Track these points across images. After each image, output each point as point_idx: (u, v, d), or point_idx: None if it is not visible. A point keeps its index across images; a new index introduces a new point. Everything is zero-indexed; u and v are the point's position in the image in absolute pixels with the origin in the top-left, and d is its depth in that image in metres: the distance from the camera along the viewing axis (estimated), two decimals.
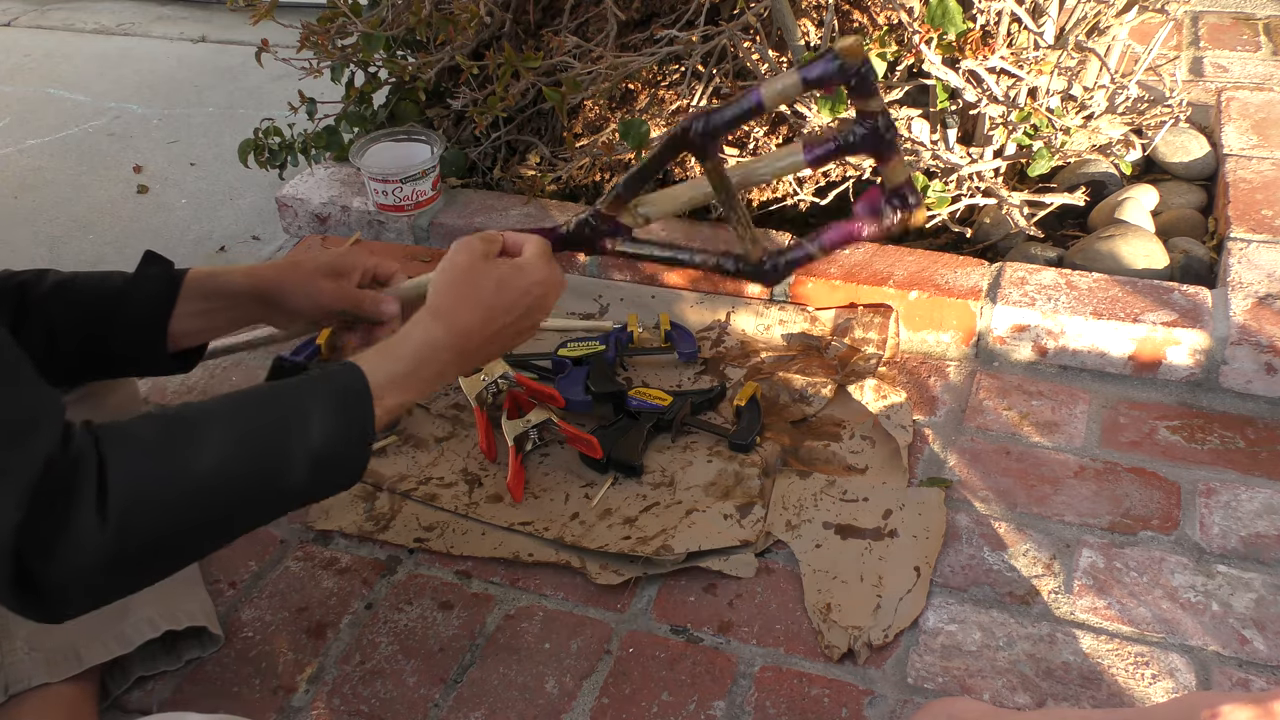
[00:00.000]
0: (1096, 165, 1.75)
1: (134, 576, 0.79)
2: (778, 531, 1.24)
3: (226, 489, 0.80)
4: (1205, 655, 1.09)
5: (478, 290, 0.95)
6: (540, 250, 1.00)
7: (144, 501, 0.76)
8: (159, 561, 0.80)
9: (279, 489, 0.83)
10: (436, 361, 0.93)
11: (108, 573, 0.75)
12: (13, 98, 2.78)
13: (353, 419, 0.86)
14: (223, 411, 0.82)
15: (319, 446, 0.83)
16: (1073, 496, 1.27)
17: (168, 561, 0.81)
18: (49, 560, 0.72)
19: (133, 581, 0.79)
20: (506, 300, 0.96)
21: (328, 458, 0.84)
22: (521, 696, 1.09)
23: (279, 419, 0.83)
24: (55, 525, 0.72)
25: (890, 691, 1.07)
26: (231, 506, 0.81)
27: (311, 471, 0.84)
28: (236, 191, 2.25)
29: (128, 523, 0.74)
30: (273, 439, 0.82)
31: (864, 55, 0.86)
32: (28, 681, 1.01)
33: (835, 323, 1.52)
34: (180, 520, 0.78)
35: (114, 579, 0.77)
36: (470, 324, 0.94)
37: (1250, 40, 2.11)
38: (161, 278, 1.05)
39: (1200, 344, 1.39)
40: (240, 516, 0.83)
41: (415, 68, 1.75)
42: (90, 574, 0.74)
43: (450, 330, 0.93)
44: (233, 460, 0.80)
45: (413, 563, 1.25)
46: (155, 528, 0.77)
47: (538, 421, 1.35)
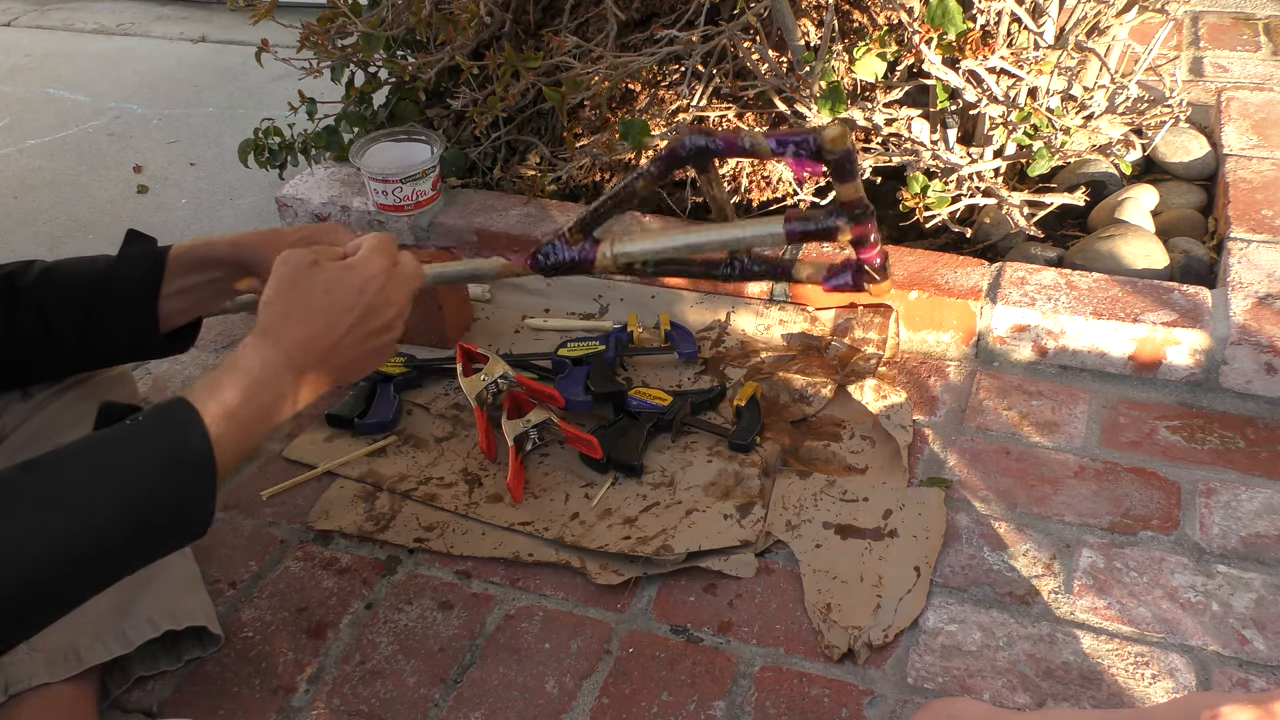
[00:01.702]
0: (1096, 165, 1.75)
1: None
2: (778, 531, 1.24)
3: (48, 566, 0.74)
4: (1205, 655, 1.09)
5: (305, 297, 0.87)
6: (375, 245, 0.92)
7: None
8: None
9: (108, 567, 0.78)
10: (275, 383, 0.84)
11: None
12: (13, 98, 2.78)
13: (192, 483, 0.79)
14: (46, 482, 0.76)
15: (152, 516, 0.78)
16: (1073, 496, 1.27)
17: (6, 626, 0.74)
18: None
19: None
20: (340, 301, 0.87)
21: (161, 524, 0.79)
22: (521, 696, 1.09)
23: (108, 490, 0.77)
24: None
25: (890, 691, 1.07)
26: (54, 582, 0.75)
27: (147, 543, 0.79)
28: (236, 191, 2.25)
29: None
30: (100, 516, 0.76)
31: (847, 145, 0.86)
32: (28, 681, 1.00)
33: (835, 323, 1.52)
34: (19, 580, 0.72)
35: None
36: (304, 335, 0.86)
37: (1250, 40, 2.11)
38: (146, 256, 1.05)
39: (1200, 344, 1.39)
40: (66, 589, 0.77)
41: (415, 68, 1.75)
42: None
43: (282, 345, 0.85)
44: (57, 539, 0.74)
45: (413, 563, 1.25)
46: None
47: (538, 421, 1.35)
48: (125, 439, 0.79)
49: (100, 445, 0.79)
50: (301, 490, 1.35)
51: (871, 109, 1.56)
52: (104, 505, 0.76)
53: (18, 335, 1.01)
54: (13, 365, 1.05)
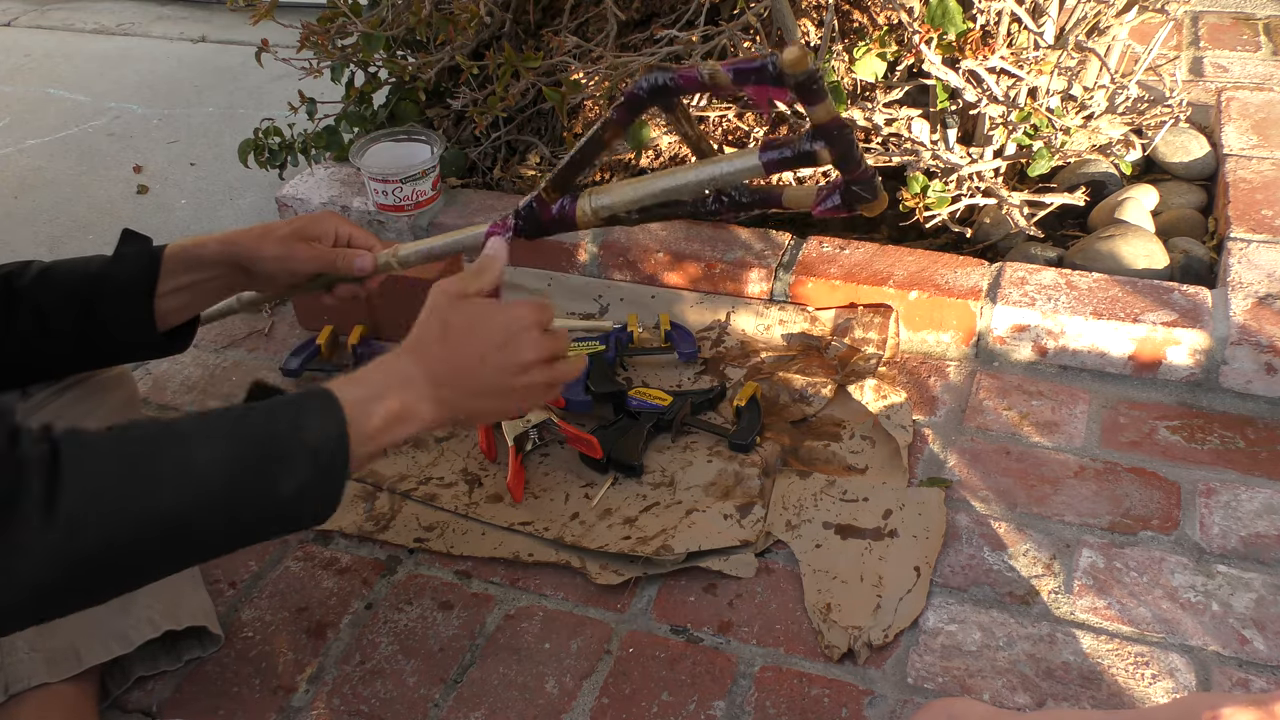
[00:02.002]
0: (1096, 165, 1.75)
1: (77, 587, 0.75)
2: (778, 531, 1.24)
3: (187, 512, 0.77)
4: (1205, 655, 1.09)
5: (454, 327, 0.90)
6: (531, 303, 0.94)
7: (96, 510, 0.73)
8: (107, 575, 0.76)
9: (240, 524, 0.80)
10: (412, 409, 0.87)
11: (50, 581, 0.72)
12: (13, 98, 2.78)
13: (329, 466, 0.82)
14: (193, 434, 0.79)
15: (289, 492, 0.80)
16: (1073, 496, 1.27)
17: (116, 577, 0.77)
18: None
19: (75, 594, 0.76)
20: (482, 336, 0.90)
21: (298, 502, 0.81)
22: (521, 696, 1.09)
23: (252, 454, 0.79)
24: (2, 523, 0.70)
25: (890, 691, 1.07)
26: (190, 531, 0.78)
27: (279, 516, 0.81)
28: (236, 191, 2.25)
29: (76, 530, 0.72)
30: (239, 473, 0.78)
31: (808, 66, 0.84)
32: (28, 681, 1.01)
33: (835, 323, 1.52)
34: (131, 536, 0.75)
35: (57, 589, 0.74)
36: (446, 357, 0.89)
37: (1250, 40, 2.11)
38: (142, 255, 1.05)
39: (1200, 344, 1.39)
40: (198, 543, 0.79)
41: (415, 68, 1.75)
42: (32, 583, 0.72)
43: (424, 362, 0.88)
44: (195, 486, 0.77)
45: (413, 563, 1.25)
46: (105, 539, 0.73)
47: (538, 421, 1.35)
48: (265, 413, 0.82)
49: (242, 413, 0.82)
50: None
51: (871, 109, 1.56)
52: (228, 473, 0.78)
53: (16, 335, 1.01)
54: (11, 366, 1.05)
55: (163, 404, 1.51)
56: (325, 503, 0.83)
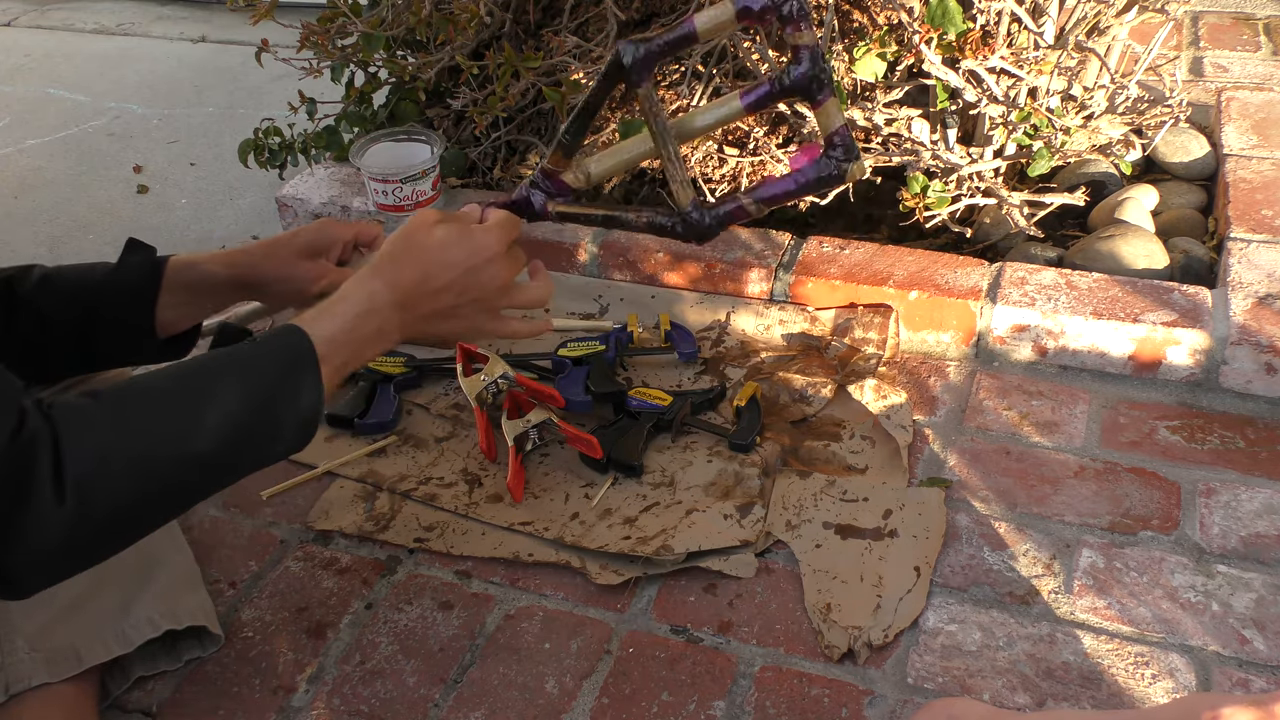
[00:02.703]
0: (1096, 165, 1.75)
1: (94, 549, 0.80)
2: (778, 531, 1.24)
3: (179, 457, 0.81)
4: (1205, 655, 1.09)
5: (420, 247, 0.94)
6: (499, 221, 0.98)
7: (100, 474, 0.77)
8: (118, 532, 0.82)
9: (234, 455, 0.85)
10: (376, 316, 0.92)
11: (68, 548, 0.77)
12: (13, 98, 2.78)
13: (302, 383, 0.87)
14: (171, 382, 0.84)
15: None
16: (1073, 496, 1.27)
17: (126, 531, 0.82)
18: (9, 545, 0.74)
19: (92, 554, 0.81)
20: (448, 257, 0.94)
21: (280, 422, 0.86)
22: (521, 696, 1.09)
23: (230, 387, 0.84)
24: (13, 510, 0.74)
25: (890, 691, 1.07)
26: (185, 474, 0.82)
27: (266, 437, 0.86)
28: (236, 191, 2.25)
29: (85, 497, 0.76)
30: (224, 407, 0.83)
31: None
32: (28, 681, 1.01)
33: (835, 323, 1.52)
34: (136, 490, 0.79)
35: (75, 553, 0.79)
36: (410, 279, 0.93)
37: (1250, 40, 2.11)
38: (144, 266, 1.06)
39: (1200, 344, 1.39)
40: (195, 484, 0.84)
41: (415, 68, 1.75)
42: (51, 552, 0.76)
43: (389, 284, 0.93)
44: (185, 430, 0.81)
45: (413, 563, 1.25)
46: (113, 499, 0.78)
47: (538, 421, 1.35)
48: (246, 348, 0.88)
49: (226, 353, 0.88)
50: (301, 490, 1.35)
51: (871, 109, 1.56)
52: (232, 397, 0.84)
53: (17, 339, 1.02)
54: (11, 368, 1.05)
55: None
56: (300, 448, 0.90)
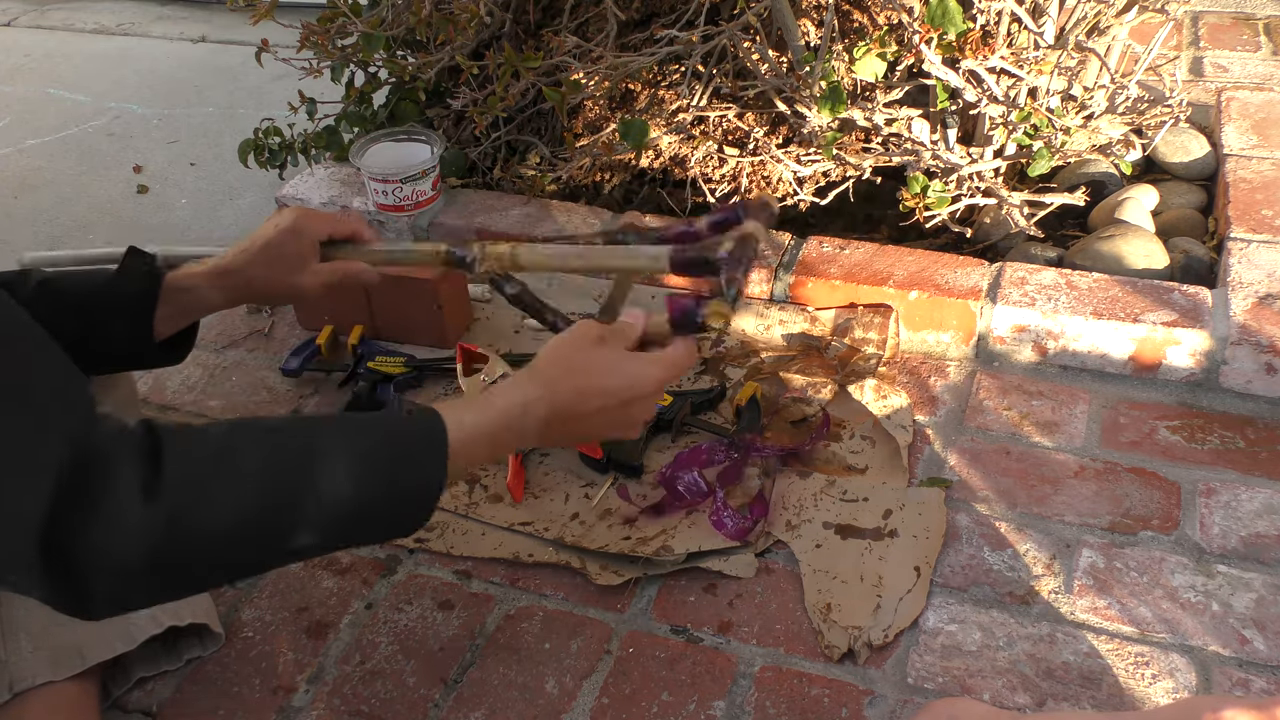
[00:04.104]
0: (1096, 165, 1.75)
1: (174, 574, 0.74)
2: (778, 531, 1.24)
3: (281, 503, 0.76)
4: (1205, 655, 1.09)
5: (582, 369, 0.91)
6: (670, 360, 0.95)
7: (201, 491, 0.73)
8: (201, 563, 0.75)
9: (342, 523, 0.80)
10: (520, 427, 0.89)
11: (148, 560, 0.71)
12: (13, 98, 2.78)
13: (424, 474, 0.83)
14: (289, 428, 0.81)
15: (390, 493, 0.81)
16: (1073, 496, 1.27)
17: (208, 567, 0.76)
18: (83, 533, 0.69)
19: (171, 581, 0.75)
20: (607, 384, 0.91)
21: (394, 506, 0.82)
22: (521, 696, 1.09)
23: (349, 448, 0.80)
24: (94, 498, 0.69)
25: (890, 691, 1.07)
26: (291, 522, 0.77)
27: (376, 519, 0.82)
28: (236, 191, 2.25)
29: (179, 509, 0.71)
30: (338, 466, 0.79)
31: (726, 321, 0.92)
32: (32, 680, 1.01)
33: (835, 323, 1.52)
34: (235, 525, 0.74)
35: (153, 570, 0.72)
36: (565, 399, 0.90)
37: (1250, 40, 2.11)
38: (144, 276, 1.06)
39: (1200, 344, 1.39)
40: (298, 536, 0.78)
41: (415, 68, 1.75)
42: (128, 558, 0.70)
43: (545, 399, 0.89)
44: (293, 479, 0.77)
45: (413, 563, 1.25)
46: (207, 522, 0.73)
47: None
48: (376, 418, 0.85)
49: (349, 418, 0.86)
50: None
51: (871, 109, 1.56)
52: (348, 458, 0.79)
53: None
54: None
55: (163, 404, 1.51)
56: (407, 533, 0.85)
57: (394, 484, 0.82)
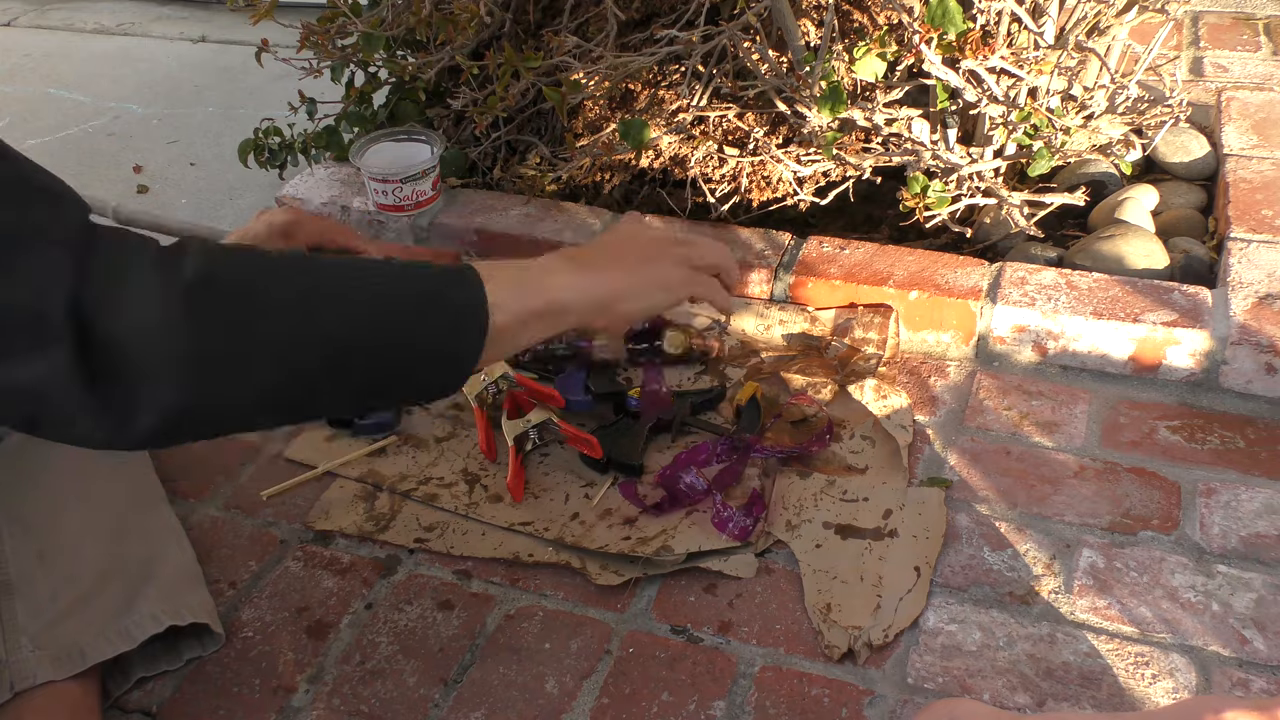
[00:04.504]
0: (1096, 165, 1.75)
1: (217, 371, 0.69)
2: (778, 531, 1.24)
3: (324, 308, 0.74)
4: (1205, 655, 1.09)
5: (612, 232, 1.03)
6: (712, 245, 1.05)
7: (230, 279, 0.70)
8: (243, 368, 0.70)
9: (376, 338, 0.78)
10: (539, 267, 0.92)
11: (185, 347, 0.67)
12: (13, 98, 2.78)
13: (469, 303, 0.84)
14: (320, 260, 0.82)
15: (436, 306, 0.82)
16: (1073, 496, 1.27)
17: (252, 376, 0.71)
18: (115, 315, 0.65)
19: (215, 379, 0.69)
20: (627, 230, 1.03)
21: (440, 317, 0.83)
22: (521, 696, 1.09)
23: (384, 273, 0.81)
24: (117, 276, 0.66)
25: (890, 691, 1.07)
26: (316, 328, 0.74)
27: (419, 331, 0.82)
28: (236, 191, 2.25)
29: (202, 286, 0.68)
30: (373, 288, 0.79)
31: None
32: (33, 679, 1.01)
33: (835, 323, 1.52)
34: (270, 323, 0.70)
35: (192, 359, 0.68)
36: (584, 250, 0.99)
37: (1250, 40, 2.11)
38: None
39: (1200, 344, 1.39)
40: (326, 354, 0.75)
41: (415, 68, 1.75)
42: (163, 340, 0.66)
43: (572, 252, 0.97)
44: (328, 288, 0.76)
45: (413, 563, 1.25)
46: (242, 313, 0.69)
47: (538, 421, 1.35)
48: (411, 267, 0.85)
49: (389, 263, 0.85)
50: (301, 490, 1.35)
51: (871, 109, 1.56)
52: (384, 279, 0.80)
53: None
54: None
55: None
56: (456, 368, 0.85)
57: (439, 296, 0.83)
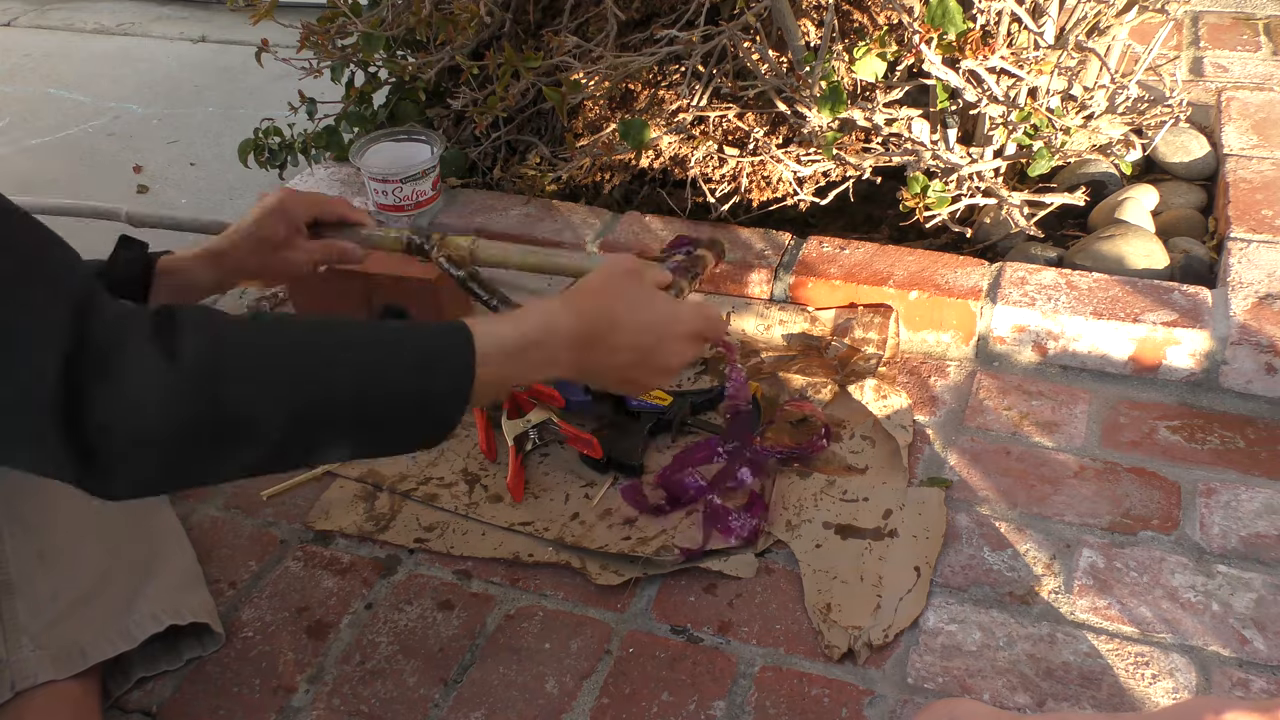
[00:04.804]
0: (1096, 165, 1.75)
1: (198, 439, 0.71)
2: (778, 531, 1.24)
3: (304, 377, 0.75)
4: (1205, 655, 1.09)
5: (618, 294, 0.92)
6: (707, 310, 0.98)
7: (218, 347, 0.71)
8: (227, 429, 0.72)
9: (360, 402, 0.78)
10: (548, 347, 0.88)
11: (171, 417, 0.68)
12: (13, 98, 2.78)
13: (450, 371, 0.83)
14: (308, 322, 0.83)
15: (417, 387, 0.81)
16: (1073, 496, 1.27)
17: (233, 434, 0.72)
18: (98, 393, 0.66)
19: (192, 444, 0.71)
20: (643, 318, 0.92)
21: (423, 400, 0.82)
22: (521, 696, 1.09)
23: (372, 341, 0.80)
24: (111, 349, 0.67)
25: (890, 691, 1.07)
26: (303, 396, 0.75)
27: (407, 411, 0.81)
28: (236, 191, 2.25)
29: (201, 360, 0.69)
30: (361, 357, 0.78)
31: None
32: (34, 679, 1.01)
33: (835, 323, 1.52)
34: (258, 387, 0.72)
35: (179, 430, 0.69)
36: (597, 323, 0.90)
37: (1250, 40, 2.11)
38: (136, 262, 1.08)
39: (1200, 344, 1.39)
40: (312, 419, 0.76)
41: (415, 68, 1.75)
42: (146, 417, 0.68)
43: (575, 318, 0.89)
44: (314, 361, 0.76)
45: (413, 563, 1.25)
46: (230, 384, 0.71)
47: (538, 421, 1.35)
48: (401, 327, 0.84)
49: (381, 326, 0.84)
50: (301, 490, 1.35)
51: (871, 109, 1.56)
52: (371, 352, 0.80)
53: None
54: None
55: None
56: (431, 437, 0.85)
57: (425, 371, 0.81)
